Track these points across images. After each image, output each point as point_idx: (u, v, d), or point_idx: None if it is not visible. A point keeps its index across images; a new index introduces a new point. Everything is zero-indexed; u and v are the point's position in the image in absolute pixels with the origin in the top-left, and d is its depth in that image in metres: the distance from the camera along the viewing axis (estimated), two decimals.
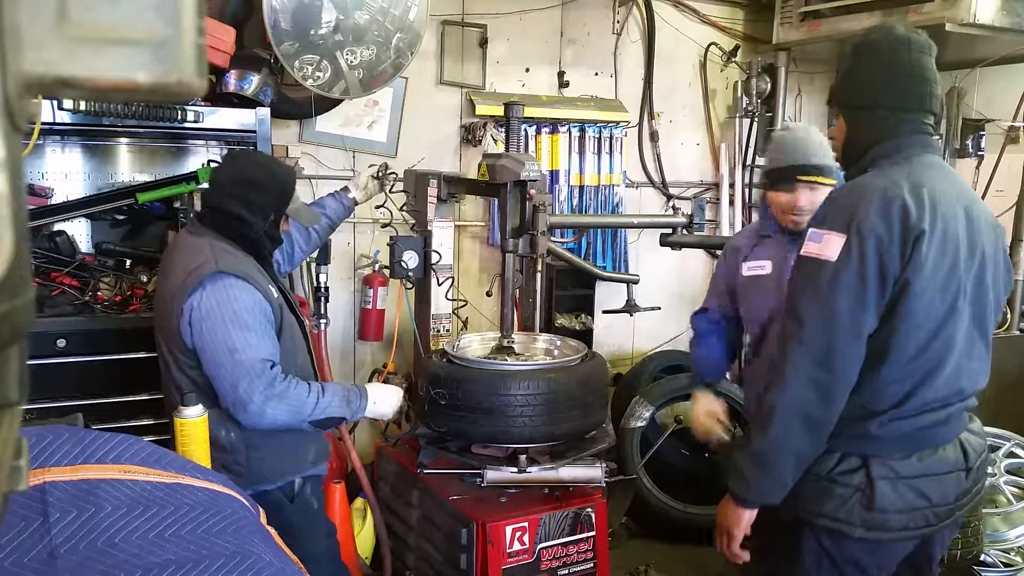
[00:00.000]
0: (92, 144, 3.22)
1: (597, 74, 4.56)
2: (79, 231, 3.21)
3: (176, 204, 2.99)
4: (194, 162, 3.35)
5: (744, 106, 4.77)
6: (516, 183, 2.65)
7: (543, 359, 2.87)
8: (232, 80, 2.96)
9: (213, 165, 2.67)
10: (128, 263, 3.13)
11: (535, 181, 2.62)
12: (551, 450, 2.70)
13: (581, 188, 4.41)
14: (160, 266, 2.44)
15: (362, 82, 3.14)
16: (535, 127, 4.23)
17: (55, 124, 2.65)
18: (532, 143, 4.21)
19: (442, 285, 3.06)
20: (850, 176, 1.90)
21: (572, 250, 4.11)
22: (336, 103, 3.54)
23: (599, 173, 4.44)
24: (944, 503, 1.80)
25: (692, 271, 5.06)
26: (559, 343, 3.00)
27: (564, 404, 2.55)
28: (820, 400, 1.71)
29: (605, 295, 4.35)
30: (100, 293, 2.92)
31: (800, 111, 5.00)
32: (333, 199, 2.90)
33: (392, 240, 3.04)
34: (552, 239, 2.90)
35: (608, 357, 3.69)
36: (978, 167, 4.84)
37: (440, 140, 4.15)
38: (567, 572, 2.71)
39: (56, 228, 3.02)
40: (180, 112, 2.78)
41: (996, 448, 3.44)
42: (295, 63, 2.97)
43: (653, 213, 4.66)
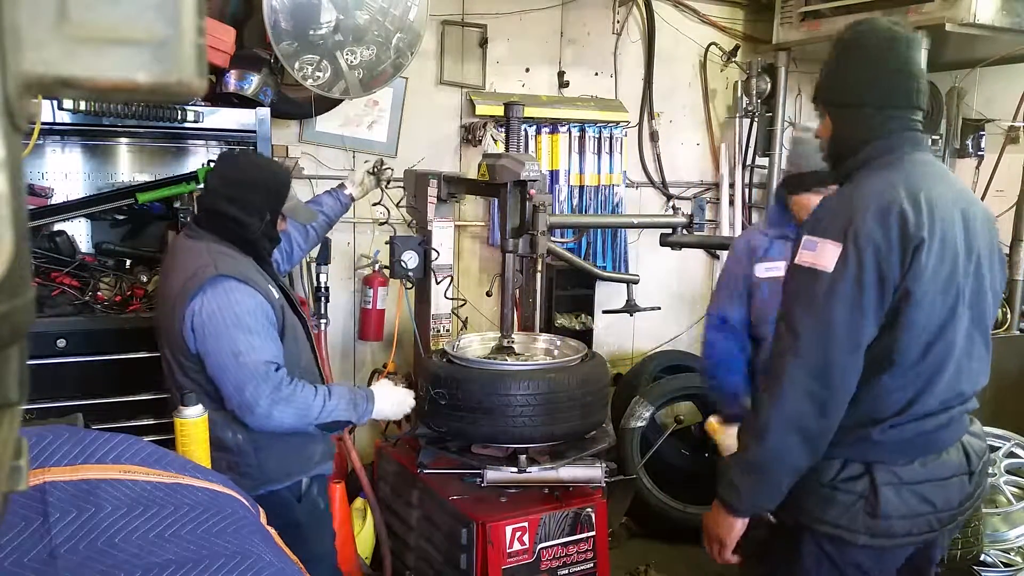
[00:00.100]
0: (92, 144, 3.22)
1: (597, 74, 4.57)
2: (79, 231, 3.20)
3: (176, 204, 2.99)
4: (194, 162, 3.35)
5: (744, 106, 4.77)
6: (516, 183, 2.65)
7: (543, 359, 2.87)
8: (232, 80, 2.96)
9: (212, 165, 2.67)
10: (128, 263, 3.13)
11: (535, 181, 2.62)
12: (551, 450, 2.70)
13: (581, 188, 4.42)
14: (160, 271, 2.43)
15: (362, 82, 3.14)
16: (535, 127, 4.23)
17: (55, 124, 2.65)
18: (532, 143, 4.21)
19: (440, 283, 3.06)
20: (839, 176, 1.87)
21: (572, 250, 4.11)
22: (336, 103, 3.54)
23: (599, 173, 4.44)
24: (948, 508, 1.78)
25: (692, 271, 5.06)
26: (559, 343, 3.00)
27: (564, 404, 2.55)
28: (817, 413, 1.68)
29: (605, 295, 4.35)
30: (100, 293, 2.92)
31: (800, 111, 5.00)
32: (330, 196, 2.90)
33: (392, 239, 3.04)
34: (552, 239, 2.90)
35: (608, 357, 3.69)
36: (978, 167, 4.84)
37: (440, 140, 4.15)
38: (567, 572, 2.71)
39: (56, 228, 3.02)
40: (180, 112, 2.78)
41: (996, 448, 3.44)
42: (295, 63, 2.97)
43: (653, 213, 4.66)
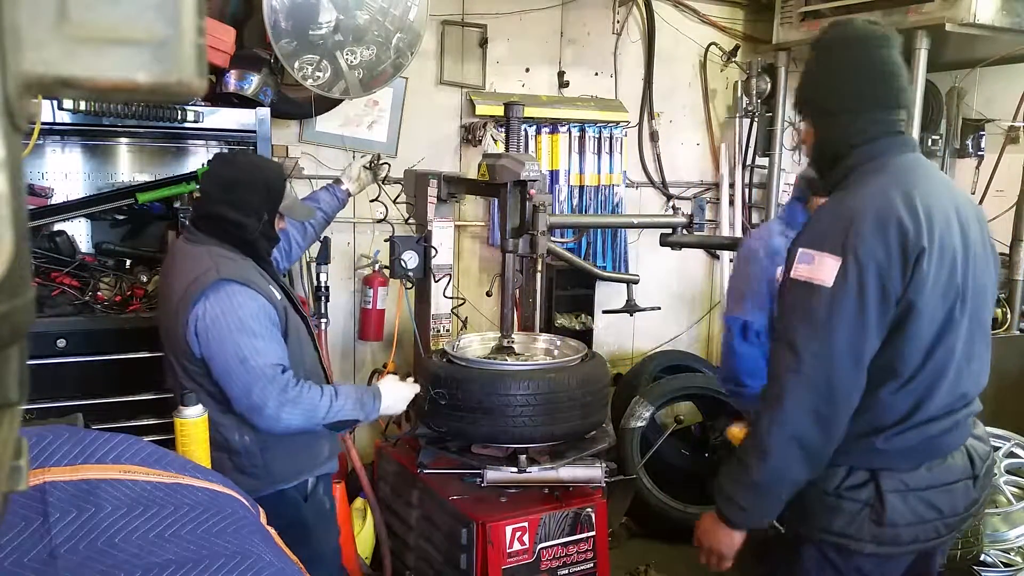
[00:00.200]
0: (92, 144, 3.22)
1: (597, 74, 4.57)
2: (79, 231, 3.21)
3: (176, 204, 2.99)
4: (194, 162, 3.35)
5: (744, 106, 4.77)
6: (516, 183, 2.65)
7: (543, 359, 2.87)
8: (232, 80, 2.96)
9: (207, 168, 2.67)
10: (128, 263, 3.13)
11: (535, 181, 2.62)
12: (551, 450, 2.70)
13: (581, 188, 4.42)
14: (160, 276, 2.43)
15: (362, 82, 3.14)
16: (535, 127, 4.23)
17: (55, 124, 2.65)
18: (532, 143, 4.21)
19: (439, 282, 3.06)
20: (827, 183, 1.84)
21: (572, 250, 4.11)
22: (336, 103, 3.54)
23: (599, 173, 4.44)
24: (953, 514, 1.77)
25: (692, 271, 5.06)
26: (559, 343, 3.00)
27: (564, 404, 2.55)
28: (820, 431, 1.66)
29: (605, 295, 4.35)
30: (100, 293, 2.92)
31: None
32: (326, 192, 2.90)
33: (391, 239, 3.04)
34: (552, 239, 2.90)
35: (608, 357, 3.69)
36: (978, 167, 4.84)
37: (440, 140, 4.15)
38: (567, 572, 2.71)
39: (56, 228, 3.02)
40: (180, 112, 2.78)
41: (996, 448, 3.44)
42: (295, 63, 2.97)
43: (653, 213, 4.66)
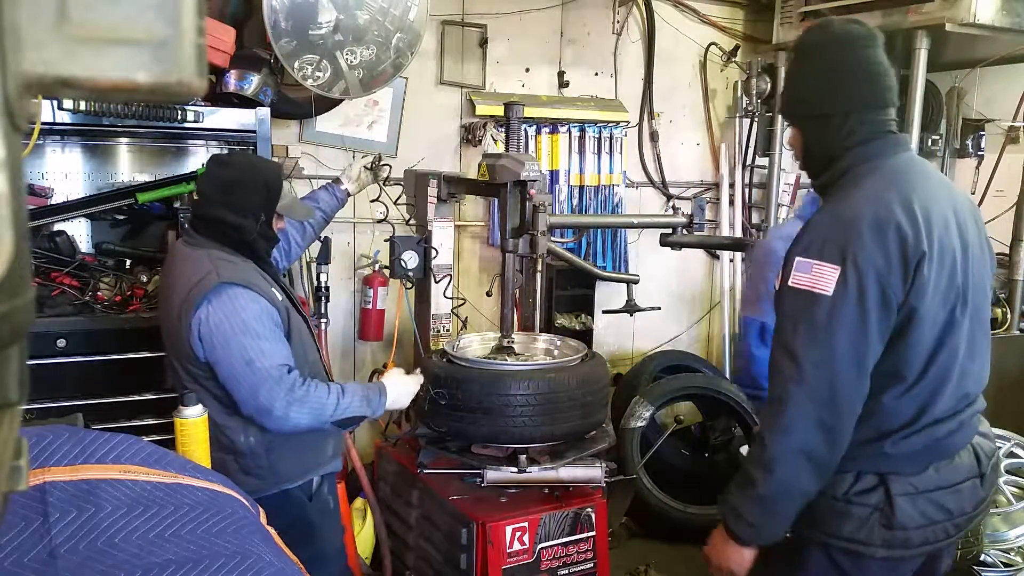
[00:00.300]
0: (92, 144, 3.22)
1: (597, 74, 4.57)
2: (79, 231, 3.20)
3: (176, 204, 2.99)
4: (194, 162, 3.35)
5: (744, 106, 4.76)
6: (516, 183, 2.65)
7: (543, 359, 2.87)
8: (232, 80, 2.96)
9: (203, 170, 2.67)
10: (128, 263, 3.13)
11: (535, 181, 2.62)
12: (551, 450, 2.70)
13: (581, 188, 4.42)
14: (160, 279, 2.42)
15: (362, 82, 3.14)
16: (535, 127, 4.23)
17: (55, 124, 2.65)
18: (532, 143, 4.21)
19: (439, 282, 3.06)
20: (820, 188, 1.82)
21: (572, 250, 4.11)
22: (336, 103, 3.54)
23: (599, 173, 4.44)
24: (962, 514, 1.76)
25: (692, 271, 5.06)
26: (559, 343, 3.00)
27: (564, 404, 2.55)
28: (826, 441, 1.64)
29: (605, 295, 4.35)
30: (100, 293, 2.92)
31: None
32: (326, 192, 2.89)
33: (392, 239, 3.03)
34: (552, 239, 2.89)
35: (608, 357, 3.69)
36: (978, 167, 4.84)
37: (440, 140, 4.15)
38: (567, 572, 2.71)
39: (56, 228, 3.02)
40: (180, 112, 2.78)
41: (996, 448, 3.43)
42: (295, 63, 2.97)
43: (653, 213, 4.66)
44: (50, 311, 2.74)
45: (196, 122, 2.84)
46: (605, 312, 4.20)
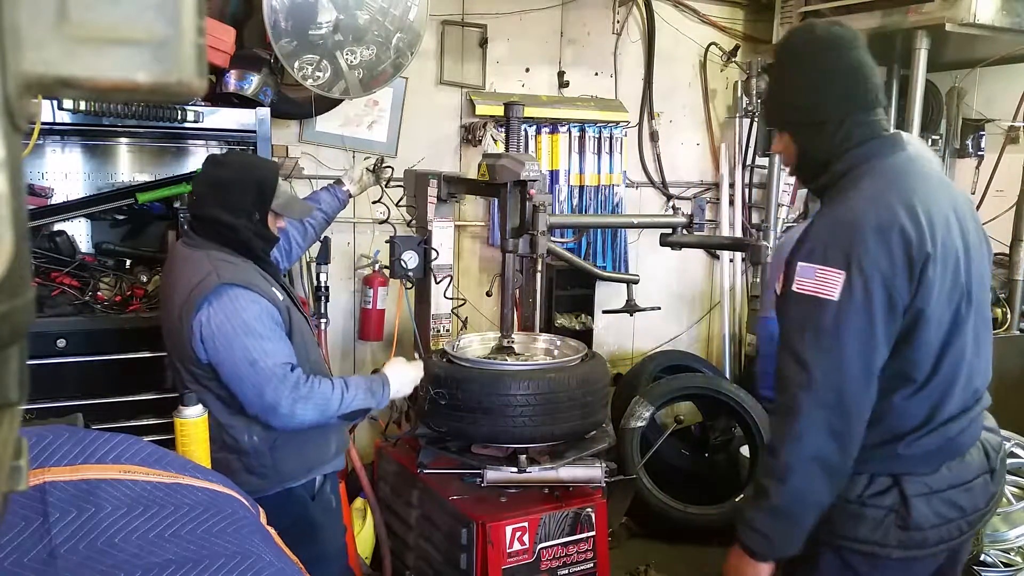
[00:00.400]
0: (92, 144, 3.22)
1: (597, 74, 4.57)
2: (79, 231, 3.20)
3: (176, 204, 2.99)
4: (194, 162, 3.35)
5: (744, 106, 4.76)
6: (516, 183, 2.64)
7: (543, 359, 2.86)
8: (232, 80, 2.96)
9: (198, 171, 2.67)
10: (128, 263, 3.13)
11: (535, 181, 2.62)
12: (551, 450, 2.70)
13: (581, 188, 4.42)
14: (161, 280, 2.42)
15: (362, 82, 3.14)
16: (535, 127, 4.23)
17: (55, 124, 2.65)
18: (532, 143, 4.21)
19: (440, 283, 3.06)
20: (817, 191, 1.82)
21: (572, 250, 4.11)
22: (336, 103, 3.54)
23: (599, 173, 4.44)
24: (975, 510, 1.76)
25: (692, 271, 5.06)
26: (559, 343, 3.00)
27: (564, 404, 2.55)
28: (838, 447, 1.63)
29: (605, 295, 4.35)
30: (100, 293, 2.92)
31: None
32: (327, 192, 2.89)
33: (392, 239, 3.03)
34: (552, 239, 2.89)
35: (608, 357, 3.69)
36: (978, 167, 4.84)
37: (440, 140, 4.15)
38: (567, 572, 2.71)
39: (56, 228, 3.02)
40: (180, 112, 2.78)
41: None
42: (295, 63, 2.97)
43: (653, 213, 4.66)
44: (50, 311, 2.74)
45: (196, 122, 2.84)
46: (605, 312, 4.20)
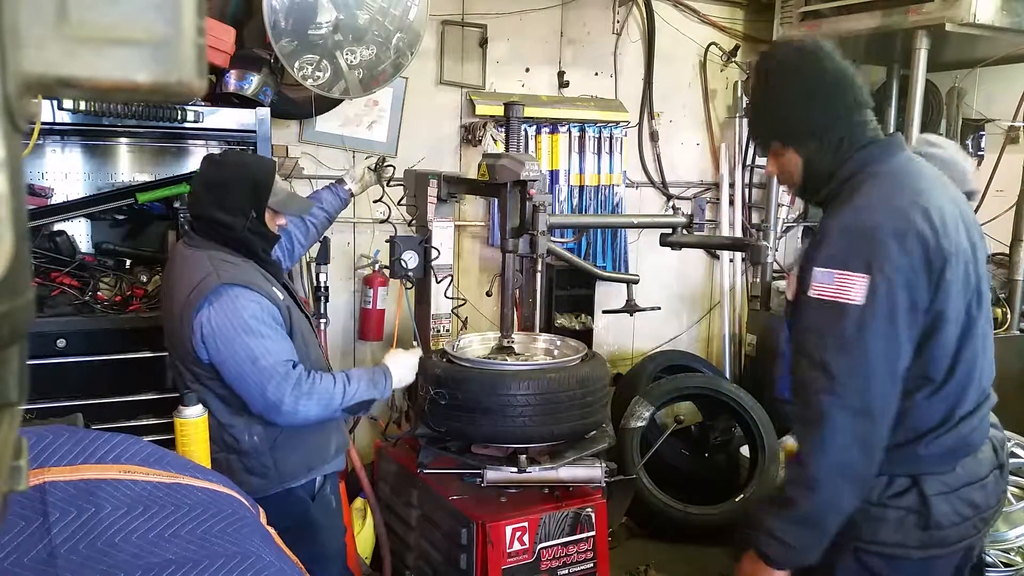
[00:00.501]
0: (92, 144, 3.22)
1: (597, 74, 4.57)
2: (79, 231, 3.20)
3: (176, 204, 2.99)
4: (194, 162, 3.35)
5: (744, 106, 4.76)
6: (516, 183, 2.64)
7: (543, 359, 2.86)
8: (232, 80, 2.96)
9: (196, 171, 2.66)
10: (128, 263, 3.13)
11: (535, 181, 2.62)
12: (551, 450, 2.70)
13: (581, 188, 4.42)
14: (162, 281, 2.42)
15: (362, 82, 3.14)
16: (535, 127, 4.23)
17: (55, 124, 2.65)
18: (532, 143, 4.22)
19: (440, 283, 3.06)
20: (821, 200, 1.81)
21: (572, 250, 4.11)
22: (336, 103, 3.54)
23: (599, 173, 4.44)
24: (988, 507, 1.77)
25: (692, 271, 5.06)
26: (559, 343, 3.00)
27: (564, 404, 2.55)
28: (866, 453, 1.63)
29: (605, 295, 4.35)
30: (100, 293, 2.92)
31: None
32: (329, 192, 2.89)
33: (392, 239, 3.03)
34: (552, 239, 2.89)
35: (608, 357, 3.69)
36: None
37: (440, 140, 4.15)
38: (567, 572, 2.70)
39: (56, 228, 3.02)
40: (180, 112, 2.78)
41: None
42: (295, 63, 2.97)
43: (653, 213, 4.66)
44: (50, 311, 2.74)
45: (196, 122, 2.84)
46: (605, 312, 4.20)
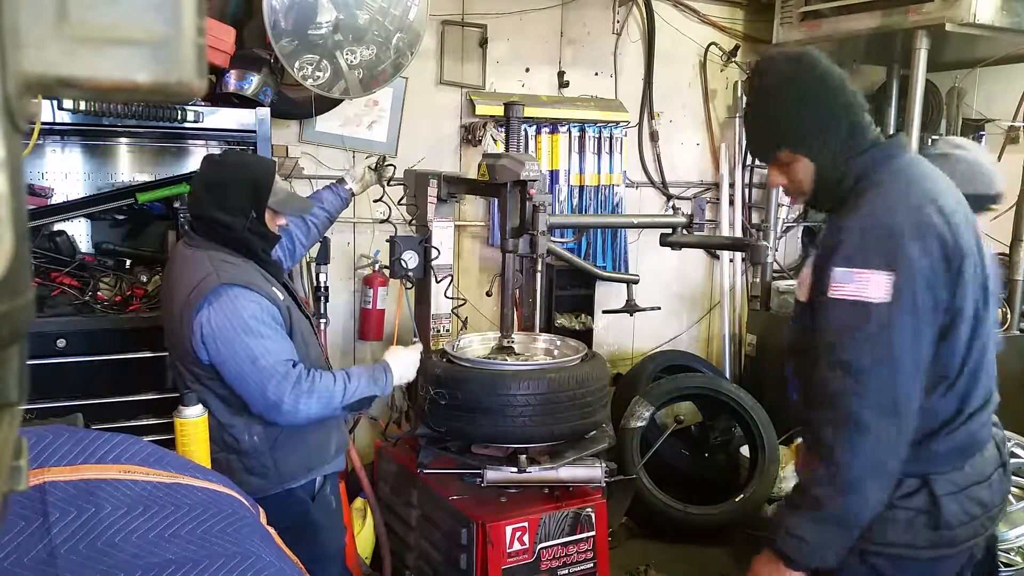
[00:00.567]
0: (92, 144, 3.22)
1: (597, 74, 4.57)
2: (79, 231, 3.20)
3: (176, 204, 2.99)
4: (194, 162, 3.35)
5: (744, 106, 4.76)
6: (516, 183, 2.64)
7: (543, 359, 2.86)
8: (232, 80, 2.96)
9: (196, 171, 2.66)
10: (128, 263, 3.13)
11: (535, 181, 2.62)
12: (551, 450, 2.70)
13: (581, 188, 4.42)
14: (162, 281, 2.42)
15: (362, 82, 3.14)
16: (535, 127, 4.23)
17: (55, 124, 2.65)
18: (532, 143, 4.22)
19: (440, 283, 3.06)
20: (832, 202, 1.80)
21: (572, 250, 4.11)
22: (336, 103, 3.54)
23: (599, 173, 4.44)
24: (994, 506, 1.78)
25: (692, 271, 5.06)
26: (559, 343, 3.00)
27: (564, 404, 2.55)
28: (894, 453, 1.61)
29: (605, 295, 4.35)
30: (100, 293, 2.92)
31: None
32: (330, 192, 2.89)
33: (392, 239, 3.03)
34: (552, 239, 2.89)
35: (608, 357, 3.69)
36: None
37: (440, 140, 4.15)
38: (567, 572, 2.70)
39: (56, 228, 3.02)
40: (180, 112, 2.78)
41: None
42: (295, 63, 2.96)
43: (653, 213, 4.66)
44: (50, 311, 2.74)
45: (196, 122, 2.84)
46: (605, 312, 4.20)
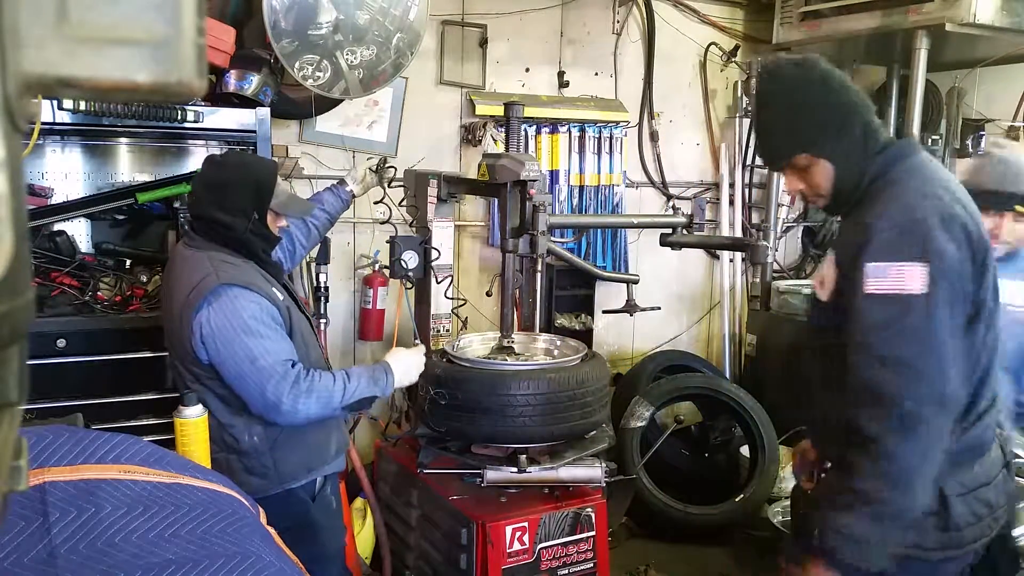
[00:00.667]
0: (92, 144, 3.22)
1: (597, 74, 4.57)
2: (79, 231, 3.20)
3: (176, 204, 2.99)
4: (194, 162, 3.35)
5: (744, 106, 4.77)
6: (516, 183, 2.64)
7: (543, 359, 2.86)
8: (232, 80, 2.96)
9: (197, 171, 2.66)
10: (128, 263, 3.13)
11: (535, 181, 2.62)
12: (551, 450, 2.70)
13: (581, 188, 4.42)
14: (162, 281, 2.42)
15: (362, 82, 3.14)
16: (535, 127, 4.23)
17: (55, 124, 2.65)
18: (532, 143, 4.22)
19: (441, 283, 3.06)
20: (842, 207, 1.81)
21: (572, 250, 4.11)
22: (336, 103, 3.54)
23: (599, 173, 4.44)
24: (999, 506, 1.78)
25: (692, 271, 5.06)
26: (559, 343, 3.00)
27: (564, 404, 2.55)
28: (941, 443, 1.59)
29: (605, 295, 4.35)
30: (100, 293, 2.92)
31: None
32: (330, 193, 2.90)
33: (392, 239, 3.03)
34: (552, 239, 2.89)
35: (608, 357, 3.69)
36: None
37: (440, 140, 4.15)
38: (567, 572, 2.70)
39: (56, 228, 3.02)
40: (180, 112, 2.78)
41: None
42: (295, 63, 2.97)
43: (653, 213, 4.66)
44: (50, 311, 2.74)
45: (196, 122, 2.84)
46: (605, 312, 4.20)
